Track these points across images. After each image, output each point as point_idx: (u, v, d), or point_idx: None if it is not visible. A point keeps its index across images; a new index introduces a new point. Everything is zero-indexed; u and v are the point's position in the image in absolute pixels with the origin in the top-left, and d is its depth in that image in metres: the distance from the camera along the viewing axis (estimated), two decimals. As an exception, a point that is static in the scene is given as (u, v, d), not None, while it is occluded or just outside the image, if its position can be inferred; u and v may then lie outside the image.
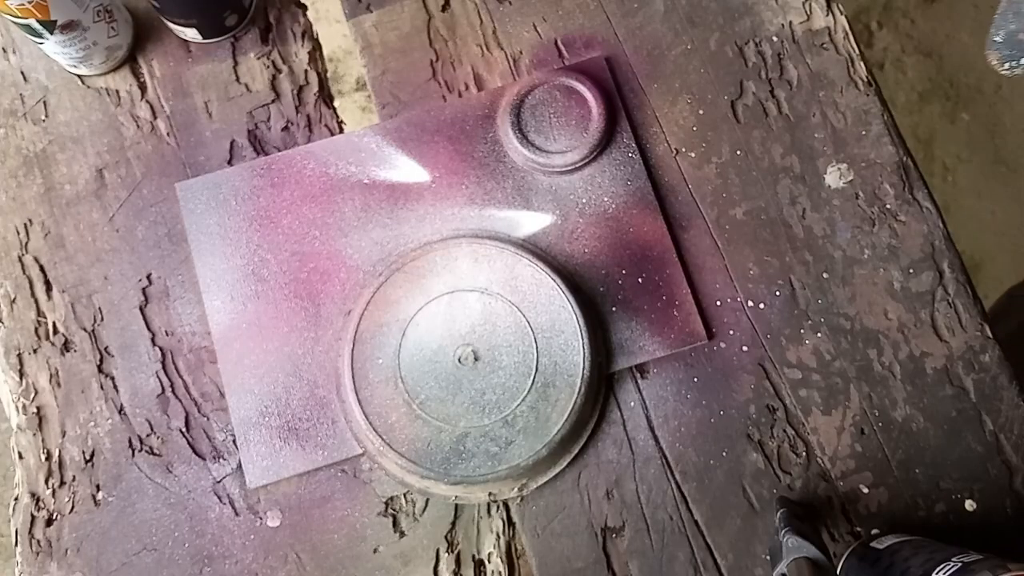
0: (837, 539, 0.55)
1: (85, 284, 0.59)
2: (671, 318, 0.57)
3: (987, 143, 1.54)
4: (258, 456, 0.56)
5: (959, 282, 0.58)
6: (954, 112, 1.55)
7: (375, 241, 0.59)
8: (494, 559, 0.55)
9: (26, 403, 0.58)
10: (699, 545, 0.55)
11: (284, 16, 0.63)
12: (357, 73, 0.63)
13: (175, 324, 0.58)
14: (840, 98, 0.62)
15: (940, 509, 0.56)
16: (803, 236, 0.59)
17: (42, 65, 0.63)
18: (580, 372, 0.54)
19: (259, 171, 0.60)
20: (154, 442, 0.57)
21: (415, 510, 0.56)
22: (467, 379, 0.54)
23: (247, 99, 0.62)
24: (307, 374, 0.57)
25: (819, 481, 0.56)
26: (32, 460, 0.57)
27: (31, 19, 0.54)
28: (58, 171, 0.61)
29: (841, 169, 0.60)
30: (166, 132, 0.61)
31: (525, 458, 0.52)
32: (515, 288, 0.55)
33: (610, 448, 0.56)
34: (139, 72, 0.63)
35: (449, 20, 0.63)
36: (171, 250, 0.59)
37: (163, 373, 0.58)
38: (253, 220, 0.59)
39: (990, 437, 0.56)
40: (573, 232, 0.59)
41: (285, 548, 0.55)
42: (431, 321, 0.55)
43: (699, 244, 0.59)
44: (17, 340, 0.58)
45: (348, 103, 0.63)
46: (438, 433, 0.53)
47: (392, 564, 0.55)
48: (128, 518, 0.56)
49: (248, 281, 0.58)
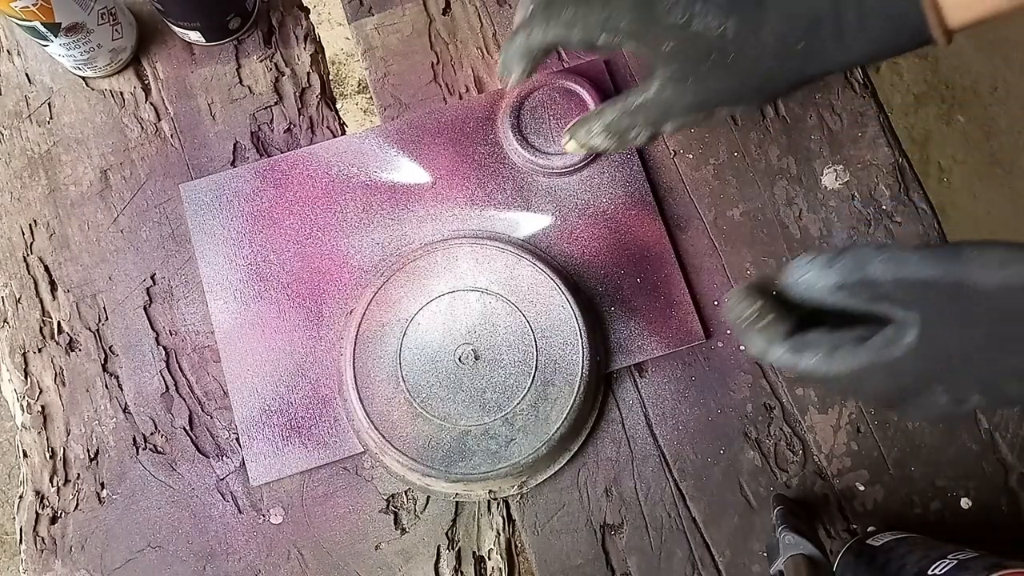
0: (833, 536, 0.56)
1: (89, 284, 0.60)
2: (669, 318, 0.58)
3: (982, 145, 1.55)
4: (261, 454, 0.56)
5: (954, 282, 0.59)
6: (950, 114, 1.56)
7: (377, 241, 0.59)
8: (494, 556, 0.56)
9: (31, 402, 0.58)
10: (697, 542, 0.56)
11: (287, 19, 0.64)
12: (359, 76, 0.63)
13: (179, 324, 0.59)
14: (836, 100, 0.62)
15: (936, 507, 0.56)
16: (800, 237, 0.60)
17: (47, 67, 0.63)
18: (579, 371, 0.54)
19: (262, 172, 0.60)
20: (158, 440, 0.57)
21: (416, 507, 0.56)
22: (467, 378, 0.55)
23: (250, 101, 0.62)
24: (309, 373, 0.57)
25: (815, 479, 0.57)
26: (37, 458, 0.57)
27: (35, 21, 0.54)
28: (63, 172, 0.61)
29: (837, 170, 0.61)
30: (170, 134, 0.62)
31: (525, 456, 0.53)
32: (515, 288, 0.56)
33: (609, 446, 0.57)
34: (143, 74, 0.63)
35: (450, 23, 0.64)
36: (175, 250, 0.60)
37: (167, 372, 0.58)
38: (256, 221, 0.60)
39: (985, 435, 0.57)
40: (572, 233, 0.59)
41: (287, 545, 0.56)
42: (432, 320, 0.56)
43: (697, 244, 0.60)
44: (22, 339, 0.59)
45: (350, 105, 0.63)
46: (439, 431, 0.54)
47: (393, 561, 0.56)
48: (132, 515, 0.56)
49: (251, 281, 0.59)
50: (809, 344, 0.39)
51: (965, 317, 0.36)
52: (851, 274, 0.37)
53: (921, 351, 0.36)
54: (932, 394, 0.37)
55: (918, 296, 0.36)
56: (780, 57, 0.39)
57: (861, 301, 0.38)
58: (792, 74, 0.40)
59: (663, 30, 0.39)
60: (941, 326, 0.36)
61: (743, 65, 0.39)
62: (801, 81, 0.41)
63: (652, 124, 0.42)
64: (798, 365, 0.38)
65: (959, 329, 0.36)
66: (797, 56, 0.39)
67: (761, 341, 0.39)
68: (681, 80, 0.40)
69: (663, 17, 0.39)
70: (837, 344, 0.38)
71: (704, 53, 0.39)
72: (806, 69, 0.40)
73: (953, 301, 0.36)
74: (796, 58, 0.39)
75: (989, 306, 0.35)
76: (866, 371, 0.37)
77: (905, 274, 0.36)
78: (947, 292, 0.36)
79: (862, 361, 0.37)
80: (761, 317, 0.39)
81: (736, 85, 0.40)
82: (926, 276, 0.36)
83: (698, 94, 0.40)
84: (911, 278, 0.36)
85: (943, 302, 0.36)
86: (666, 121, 0.42)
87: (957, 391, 0.37)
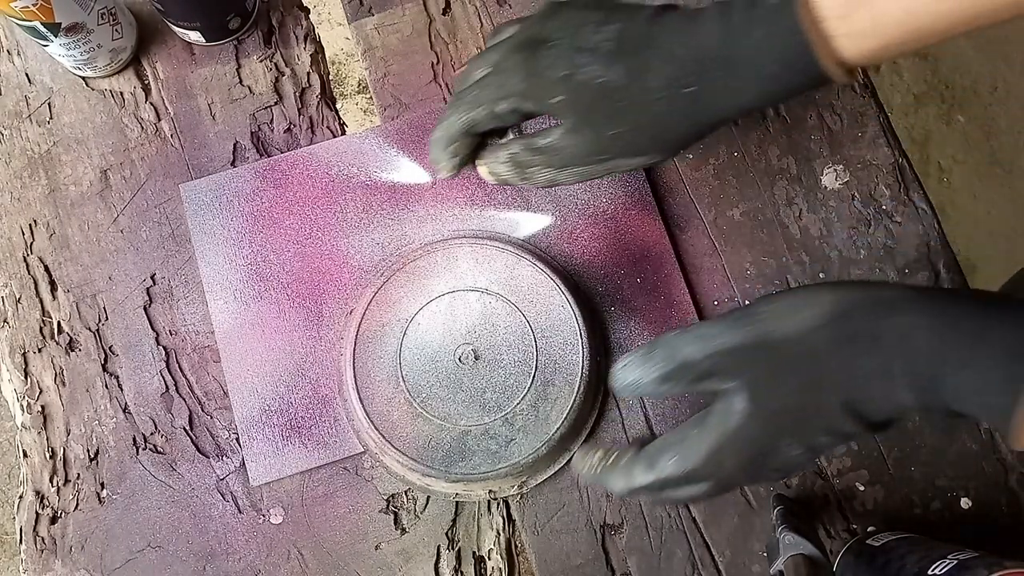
0: (833, 536, 0.56)
1: (89, 284, 0.60)
2: (669, 318, 0.58)
3: (982, 145, 1.55)
4: (261, 454, 0.56)
5: (954, 283, 0.59)
6: (950, 114, 1.56)
7: (376, 241, 0.59)
8: (494, 556, 0.56)
9: (31, 402, 0.58)
10: (697, 542, 0.56)
11: (287, 19, 0.64)
12: (359, 75, 0.63)
13: (179, 324, 0.59)
14: (836, 100, 0.62)
15: (936, 507, 0.56)
16: (800, 237, 0.60)
17: (47, 67, 0.63)
18: (579, 371, 0.54)
19: (262, 172, 0.60)
20: (158, 440, 0.57)
21: (416, 507, 0.56)
22: (467, 378, 0.55)
23: (250, 101, 0.62)
24: (309, 373, 0.57)
25: (815, 479, 0.57)
26: (37, 458, 0.57)
27: (35, 21, 0.54)
28: (63, 172, 0.61)
29: (837, 170, 0.61)
30: (170, 134, 0.62)
31: (525, 456, 0.53)
32: (515, 288, 0.56)
33: (609, 446, 0.57)
34: (143, 74, 0.63)
35: (450, 23, 0.64)
36: (175, 250, 0.60)
37: (167, 372, 0.58)
38: (256, 221, 0.60)
39: (985, 435, 0.57)
40: (572, 233, 0.59)
41: (287, 545, 0.56)
42: (432, 320, 0.56)
43: (697, 244, 0.60)
44: (22, 339, 0.59)
45: (350, 105, 0.63)
46: (439, 431, 0.54)
47: (393, 561, 0.56)
48: (132, 515, 0.56)
49: (251, 281, 0.59)
50: (660, 451, 0.40)
51: (780, 369, 0.38)
52: (668, 363, 0.39)
53: (756, 413, 0.38)
54: (784, 449, 0.38)
55: (734, 364, 0.38)
56: (671, 102, 0.39)
57: (687, 384, 0.39)
58: (686, 120, 0.40)
59: (551, 85, 0.39)
60: (764, 384, 0.38)
61: (634, 112, 0.39)
62: (698, 130, 0.41)
63: (552, 167, 0.42)
64: (662, 475, 0.39)
65: (779, 382, 0.38)
66: (688, 100, 0.39)
67: (620, 477, 0.41)
68: (577, 131, 0.40)
69: (548, 72, 0.40)
70: (683, 437, 0.39)
71: (593, 102, 0.39)
72: (700, 115, 0.40)
73: (765, 358, 0.38)
74: (687, 102, 0.39)
75: (795, 352, 0.37)
76: (717, 450, 0.38)
77: (714, 347, 0.38)
78: (756, 352, 0.38)
79: (710, 442, 0.39)
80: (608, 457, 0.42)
81: (630, 133, 0.40)
82: (733, 344, 0.38)
83: (594, 143, 0.41)
84: (721, 349, 0.38)
85: (757, 362, 0.38)
86: (566, 167, 0.42)
87: (804, 438, 0.38)
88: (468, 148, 0.44)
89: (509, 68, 0.41)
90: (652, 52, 0.39)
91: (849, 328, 0.36)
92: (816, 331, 0.37)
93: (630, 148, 0.41)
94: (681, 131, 0.40)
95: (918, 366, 0.35)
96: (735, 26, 0.38)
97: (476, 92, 0.42)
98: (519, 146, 0.43)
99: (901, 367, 0.35)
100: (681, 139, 0.41)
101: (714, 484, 0.40)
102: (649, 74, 0.39)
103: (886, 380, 0.36)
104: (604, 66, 0.39)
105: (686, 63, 0.39)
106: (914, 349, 0.35)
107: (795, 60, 0.37)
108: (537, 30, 0.41)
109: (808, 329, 0.37)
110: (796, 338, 0.37)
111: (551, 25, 0.41)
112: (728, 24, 0.38)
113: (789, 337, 0.37)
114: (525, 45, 0.41)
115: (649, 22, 0.40)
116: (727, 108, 0.40)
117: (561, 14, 0.41)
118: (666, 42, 0.39)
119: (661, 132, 0.40)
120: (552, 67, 0.40)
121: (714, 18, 0.39)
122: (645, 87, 0.39)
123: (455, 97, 0.43)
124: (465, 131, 0.43)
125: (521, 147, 0.43)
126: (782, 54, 0.37)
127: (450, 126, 0.43)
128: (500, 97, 0.41)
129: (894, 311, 0.36)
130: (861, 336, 0.36)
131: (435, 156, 0.44)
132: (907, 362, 0.35)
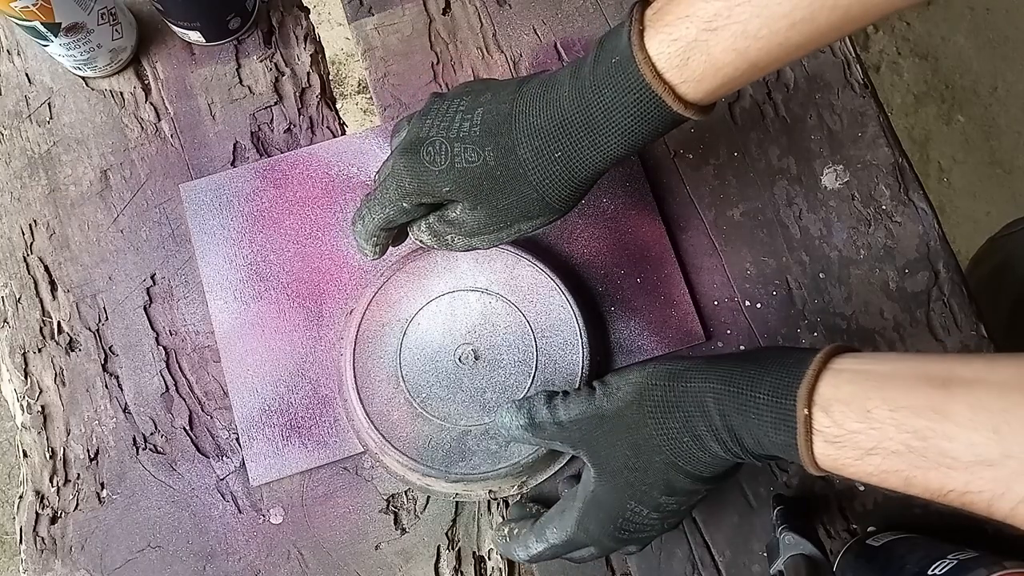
0: (833, 536, 0.56)
1: (89, 284, 0.60)
2: (669, 317, 0.58)
3: (982, 145, 1.55)
4: (261, 454, 0.56)
5: (954, 282, 0.59)
6: (950, 114, 1.56)
7: (377, 241, 0.59)
8: (494, 556, 0.56)
9: (31, 402, 0.58)
10: (697, 542, 0.56)
11: (287, 19, 0.64)
12: (359, 76, 0.63)
13: (179, 324, 0.59)
14: (836, 100, 0.62)
15: (936, 507, 0.56)
16: (800, 236, 0.60)
17: (47, 67, 0.63)
18: (579, 371, 0.54)
19: (262, 172, 0.60)
20: (158, 440, 0.57)
21: (416, 507, 0.56)
22: (468, 378, 0.55)
23: (250, 101, 0.62)
24: (309, 373, 0.57)
25: (815, 479, 0.57)
26: (37, 458, 0.57)
27: (35, 21, 0.54)
28: (63, 172, 0.61)
29: (837, 170, 0.61)
30: (170, 134, 0.62)
31: (525, 456, 0.53)
32: (515, 288, 0.56)
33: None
34: (143, 74, 0.63)
35: (450, 23, 0.64)
36: (175, 250, 0.60)
37: (167, 372, 0.58)
38: (256, 221, 0.60)
39: (984, 435, 0.57)
40: (572, 232, 0.59)
41: (287, 545, 0.56)
42: (432, 321, 0.56)
43: (697, 244, 0.60)
44: (22, 339, 0.59)
45: (350, 105, 0.63)
46: (439, 431, 0.54)
47: (393, 561, 0.56)
48: (132, 516, 0.56)
49: (251, 281, 0.59)
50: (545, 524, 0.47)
51: (613, 439, 0.44)
52: (529, 419, 0.46)
53: (599, 476, 0.44)
54: (634, 510, 0.44)
55: (577, 433, 0.45)
56: (544, 169, 0.42)
57: (543, 440, 0.47)
58: (564, 182, 0.42)
59: (437, 177, 0.43)
60: (603, 454, 0.44)
61: (516, 184, 0.43)
62: (578, 186, 0.43)
63: (464, 235, 0.46)
64: (549, 544, 0.47)
65: (615, 450, 0.43)
66: (560, 165, 0.42)
67: (520, 548, 0.48)
68: (474, 207, 0.44)
69: (432, 167, 0.43)
70: (562, 508, 0.47)
71: (477, 183, 0.43)
72: (575, 174, 0.42)
73: (601, 430, 0.44)
74: (560, 167, 0.42)
75: (620, 424, 0.43)
76: (582, 518, 0.45)
77: (559, 418, 0.45)
78: (594, 424, 0.44)
79: (577, 511, 0.45)
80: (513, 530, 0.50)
81: (519, 203, 0.43)
82: (573, 416, 0.45)
83: (491, 215, 0.44)
84: (564, 420, 0.45)
85: (595, 433, 0.44)
86: (473, 237, 0.46)
87: (647, 500, 0.43)
88: (388, 238, 0.48)
89: (400, 171, 0.44)
90: (517, 129, 0.42)
91: (653, 400, 0.42)
92: (630, 405, 0.43)
93: (523, 214, 0.44)
94: (564, 192, 0.43)
95: (714, 422, 0.40)
96: (587, 89, 0.40)
97: (381, 194, 0.46)
98: (435, 218, 0.46)
99: (703, 425, 0.41)
100: (566, 199, 0.44)
101: (597, 548, 0.46)
102: (519, 149, 0.42)
103: (694, 438, 0.41)
104: (477, 151, 0.42)
105: (549, 132, 0.41)
106: (707, 409, 0.40)
107: (647, 112, 0.40)
108: (417, 130, 0.44)
109: (625, 404, 0.43)
110: (619, 412, 0.43)
111: (428, 122, 0.44)
112: (580, 88, 0.41)
113: (614, 411, 0.44)
114: (409, 147, 0.44)
115: (511, 100, 0.43)
116: (597, 163, 0.42)
117: (436, 108, 0.44)
118: (528, 117, 0.42)
119: (544, 195, 0.43)
120: (434, 162, 0.43)
121: (567, 83, 0.41)
122: (519, 161, 0.42)
123: (367, 197, 0.47)
124: (382, 228, 0.47)
125: (436, 219, 0.46)
126: (635, 108, 0.40)
127: (368, 223, 0.47)
128: (400, 198, 0.45)
129: (687, 380, 0.42)
130: (664, 405, 0.42)
131: (360, 245, 0.48)
132: (705, 420, 0.41)
